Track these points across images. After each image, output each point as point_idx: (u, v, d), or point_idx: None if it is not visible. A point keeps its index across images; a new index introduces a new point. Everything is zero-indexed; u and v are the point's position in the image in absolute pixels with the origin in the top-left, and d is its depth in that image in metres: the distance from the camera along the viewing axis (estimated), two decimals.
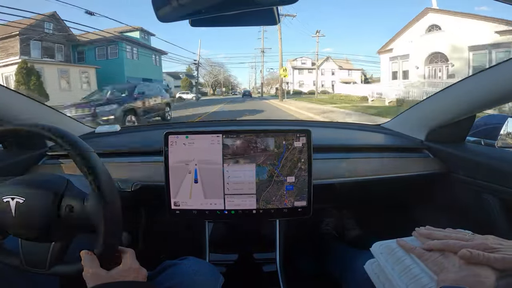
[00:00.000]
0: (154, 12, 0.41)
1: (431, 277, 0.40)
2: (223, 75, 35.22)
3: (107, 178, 0.44)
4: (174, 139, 0.71)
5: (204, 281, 0.59)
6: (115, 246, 0.47)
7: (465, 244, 0.40)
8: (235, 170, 0.71)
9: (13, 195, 0.43)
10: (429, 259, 0.42)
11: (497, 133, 0.86)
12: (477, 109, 0.78)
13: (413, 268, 0.43)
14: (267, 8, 0.42)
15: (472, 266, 0.37)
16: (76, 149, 0.44)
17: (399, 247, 0.47)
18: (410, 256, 0.45)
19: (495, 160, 0.74)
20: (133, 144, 1.05)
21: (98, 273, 0.43)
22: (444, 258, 0.41)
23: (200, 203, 0.73)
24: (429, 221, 0.55)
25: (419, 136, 0.98)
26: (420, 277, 0.41)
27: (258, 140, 0.71)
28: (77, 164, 0.44)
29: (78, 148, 0.44)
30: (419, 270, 0.42)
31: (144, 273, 0.48)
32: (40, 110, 0.94)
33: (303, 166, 0.72)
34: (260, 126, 1.25)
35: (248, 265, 0.85)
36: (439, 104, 0.88)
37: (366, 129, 1.20)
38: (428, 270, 0.41)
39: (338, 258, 0.86)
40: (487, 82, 0.70)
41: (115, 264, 0.46)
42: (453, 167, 0.85)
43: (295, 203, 0.73)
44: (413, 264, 0.43)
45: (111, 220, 0.43)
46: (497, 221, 0.71)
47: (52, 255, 0.46)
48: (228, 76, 37.81)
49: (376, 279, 0.49)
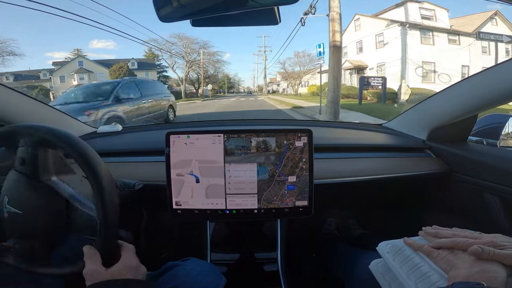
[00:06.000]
0: (155, 12, 0.41)
1: (441, 274, 0.40)
2: (218, 70, 28.53)
3: (107, 178, 0.45)
4: (175, 139, 0.71)
5: (207, 282, 0.59)
6: (114, 240, 0.48)
7: (474, 241, 0.40)
8: (237, 170, 0.71)
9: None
10: (438, 257, 0.42)
11: (499, 133, 0.86)
12: (479, 109, 0.78)
13: (421, 266, 0.43)
14: (268, 8, 0.42)
15: (483, 263, 0.37)
16: (73, 148, 0.44)
17: (406, 246, 0.47)
18: (418, 255, 0.45)
19: (497, 159, 0.74)
20: (135, 144, 1.05)
21: (98, 271, 0.44)
22: (453, 255, 0.41)
23: (201, 202, 0.73)
24: (431, 221, 0.55)
25: (421, 136, 0.98)
26: (429, 274, 0.41)
27: (259, 139, 0.71)
28: (77, 162, 0.44)
29: (75, 147, 0.44)
30: (428, 268, 0.42)
31: (143, 270, 0.48)
32: (42, 110, 0.94)
33: (305, 166, 0.72)
34: (261, 125, 1.25)
35: (249, 265, 0.86)
36: (441, 103, 0.88)
37: (367, 129, 1.20)
38: (437, 268, 0.41)
39: (341, 258, 0.86)
40: (489, 81, 0.70)
41: (115, 260, 0.46)
42: (455, 166, 0.85)
43: (297, 202, 0.73)
44: (421, 262, 0.43)
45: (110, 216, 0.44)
46: (499, 221, 0.71)
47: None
48: (223, 71, 31.14)
49: (381, 278, 0.49)
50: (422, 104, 0.98)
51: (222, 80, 34.35)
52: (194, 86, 26.40)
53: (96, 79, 22.31)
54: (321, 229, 1.28)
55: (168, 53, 23.34)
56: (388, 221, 1.21)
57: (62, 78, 22.88)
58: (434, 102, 0.91)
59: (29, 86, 21.16)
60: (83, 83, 21.96)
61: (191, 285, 0.56)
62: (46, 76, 23.33)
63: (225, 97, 26.50)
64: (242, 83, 43.00)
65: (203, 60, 24.76)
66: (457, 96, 0.81)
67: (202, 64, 24.91)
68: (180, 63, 24.47)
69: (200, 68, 24.85)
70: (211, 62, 26.71)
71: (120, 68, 21.44)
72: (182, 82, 23.72)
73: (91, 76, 22.72)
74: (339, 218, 1.32)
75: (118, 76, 20.52)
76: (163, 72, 26.12)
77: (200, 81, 25.38)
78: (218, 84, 32.69)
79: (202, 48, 24.48)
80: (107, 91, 4.87)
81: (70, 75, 22.75)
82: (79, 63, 23.35)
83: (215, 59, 26.90)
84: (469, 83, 0.76)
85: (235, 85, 40.50)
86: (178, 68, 24.74)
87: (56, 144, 0.45)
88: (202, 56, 24.58)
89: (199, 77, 25.52)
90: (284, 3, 0.40)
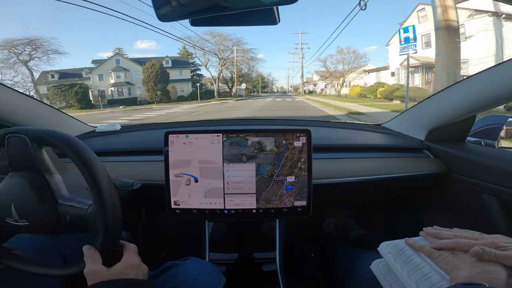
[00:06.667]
0: (154, 11, 0.41)
1: (442, 275, 0.40)
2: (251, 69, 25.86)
3: (105, 178, 0.45)
4: (174, 139, 0.71)
5: (207, 281, 0.59)
6: (116, 240, 0.47)
7: (475, 242, 0.40)
8: (235, 170, 0.71)
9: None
10: (439, 257, 0.42)
11: (497, 133, 0.86)
12: (477, 110, 0.78)
13: (422, 266, 0.43)
14: (267, 8, 0.42)
15: (484, 264, 0.37)
16: (70, 147, 0.44)
17: (407, 247, 0.47)
18: (419, 255, 0.45)
19: (495, 160, 0.74)
20: (134, 143, 1.05)
21: (99, 270, 0.43)
22: (454, 256, 0.41)
23: (200, 202, 0.73)
24: (430, 221, 0.55)
25: (419, 136, 0.98)
26: (430, 275, 0.41)
27: (258, 139, 0.71)
28: (74, 162, 0.44)
29: (72, 146, 0.44)
30: (429, 268, 0.42)
31: (145, 269, 0.48)
32: (41, 109, 0.94)
33: (303, 166, 0.72)
34: (260, 125, 1.25)
35: (248, 265, 0.86)
36: (440, 104, 0.88)
37: (366, 129, 1.20)
38: (438, 269, 0.41)
39: (341, 258, 0.86)
40: (488, 82, 0.70)
41: (116, 260, 0.46)
42: (453, 167, 0.85)
43: (295, 202, 0.73)
44: (422, 263, 0.43)
45: (111, 217, 0.44)
46: (497, 221, 0.71)
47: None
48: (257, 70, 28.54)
49: (382, 279, 0.49)
50: (421, 105, 0.98)
51: (256, 80, 33.00)
52: (227, 85, 25.38)
53: (132, 78, 22.42)
54: (320, 229, 1.28)
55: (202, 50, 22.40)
56: (387, 221, 1.21)
57: (100, 76, 22.80)
58: (432, 103, 0.92)
59: (72, 84, 21.35)
60: (120, 81, 22.07)
61: (191, 285, 0.56)
62: (87, 74, 23.26)
63: (259, 96, 25.27)
64: (276, 82, 42.05)
65: (236, 57, 23.73)
66: (456, 97, 0.81)
67: (236, 61, 23.95)
68: (213, 61, 23.75)
69: (234, 66, 23.95)
70: (245, 60, 25.58)
71: (153, 65, 20.99)
72: (215, 81, 23.20)
73: (127, 75, 22.72)
74: (338, 218, 1.33)
75: (150, 74, 20.50)
76: (196, 70, 25.24)
77: (233, 79, 24.50)
78: (251, 84, 31.30)
79: (235, 45, 23.61)
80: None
81: (108, 73, 22.69)
82: (116, 61, 23.22)
83: (249, 56, 25.86)
84: (468, 83, 0.77)
85: (269, 84, 39.57)
86: (211, 66, 24.09)
87: (53, 144, 0.45)
88: (236, 54, 23.57)
89: (233, 76, 24.58)
90: (284, 3, 0.40)
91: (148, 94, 21.20)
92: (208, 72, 24.71)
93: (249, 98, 23.08)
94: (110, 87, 22.33)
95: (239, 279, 0.78)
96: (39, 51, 21.35)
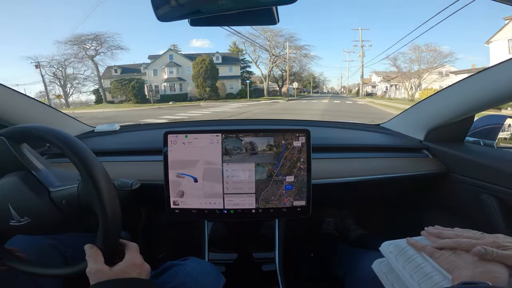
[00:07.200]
0: (153, 11, 0.41)
1: (444, 275, 0.40)
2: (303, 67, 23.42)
3: (102, 173, 0.45)
4: (173, 139, 0.71)
5: (207, 281, 0.59)
6: (116, 240, 0.47)
7: (477, 242, 0.40)
8: (235, 170, 0.71)
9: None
10: (441, 257, 0.42)
11: (496, 133, 0.86)
12: (477, 110, 0.78)
13: (424, 266, 0.43)
14: (266, 7, 0.42)
15: (485, 263, 0.37)
16: (68, 146, 0.44)
17: (409, 246, 0.47)
18: (421, 255, 0.45)
19: (494, 160, 0.74)
20: (133, 143, 1.05)
21: (101, 270, 0.43)
22: (456, 256, 0.41)
23: (199, 202, 0.73)
24: (428, 221, 0.55)
25: (418, 136, 0.98)
26: (432, 275, 0.41)
27: (257, 139, 0.71)
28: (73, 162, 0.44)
29: (70, 145, 0.44)
30: (431, 268, 0.42)
31: (147, 268, 0.47)
32: (40, 109, 0.94)
33: (302, 166, 0.72)
34: (260, 125, 1.25)
35: (247, 265, 0.86)
36: (439, 104, 0.88)
37: (365, 129, 1.20)
38: (440, 268, 0.41)
39: (341, 258, 0.86)
40: (487, 82, 0.70)
41: (118, 259, 0.46)
42: (452, 167, 0.85)
43: (294, 202, 0.73)
44: (424, 262, 0.43)
45: (111, 216, 0.44)
46: (496, 221, 0.71)
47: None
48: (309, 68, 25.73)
49: (384, 278, 0.49)
50: (420, 105, 0.98)
51: (307, 79, 31.25)
52: (277, 84, 24.07)
53: (184, 73, 22.51)
54: (319, 229, 1.28)
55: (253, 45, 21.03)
56: (386, 221, 1.21)
57: (155, 71, 23.10)
58: (431, 103, 0.92)
59: (130, 78, 21.90)
60: (172, 77, 22.21)
61: (191, 285, 0.56)
62: (145, 69, 23.71)
63: (311, 97, 23.28)
64: (328, 83, 39.70)
65: (289, 54, 22.12)
66: (455, 97, 0.81)
67: (288, 58, 22.40)
68: (264, 58, 22.58)
69: (285, 64, 22.53)
70: (298, 57, 23.85)
71: (202, 61, 20.61)
72: (265, 79, 22.18)
73: (179, 70, 22.83)
74: (337, 218, 1.33)
75: (200, 69, 20.27)
76: (246, 67, 24.34)
77: (284, 78, 23.16)
78: (302, 83, 29.41)
79: (287, 41, 22.09)
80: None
81: (162, 69, 22.92)
82: (169, 57, 23.37)
83: (302, 53, 24.13)
84: (467, 83, 0.77)
85: (320, 84, 37.57)
86: (261, 63, 23.03)
87: (52, 143, 0.45)
88: (288, 50, 22.03)
89: (283, 74, 23.25)
90: (283, 3, 0.39)
91: (197, 90, 20.93)
92: (258, 69, 23.77)
93: (301, 98, 21.91)
94: (163, 83, 22.47)
95: (239, 279, 0.78)
96: (104, 46, 22.52)
